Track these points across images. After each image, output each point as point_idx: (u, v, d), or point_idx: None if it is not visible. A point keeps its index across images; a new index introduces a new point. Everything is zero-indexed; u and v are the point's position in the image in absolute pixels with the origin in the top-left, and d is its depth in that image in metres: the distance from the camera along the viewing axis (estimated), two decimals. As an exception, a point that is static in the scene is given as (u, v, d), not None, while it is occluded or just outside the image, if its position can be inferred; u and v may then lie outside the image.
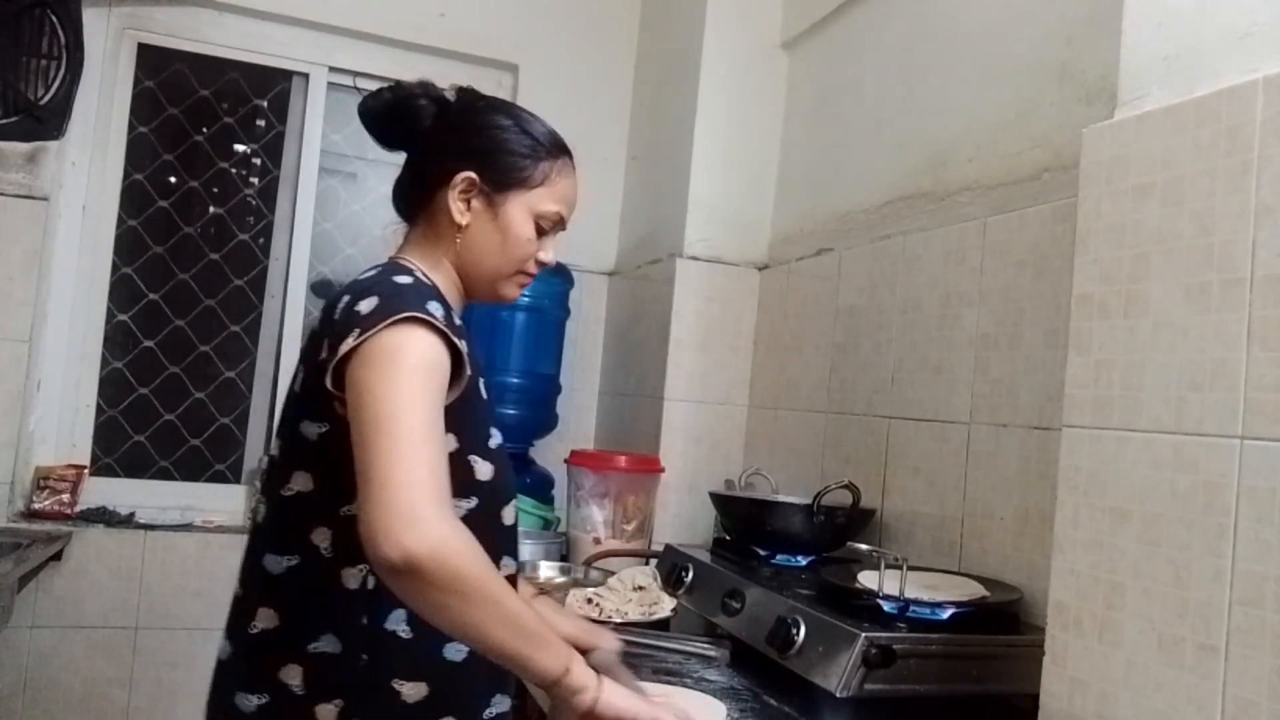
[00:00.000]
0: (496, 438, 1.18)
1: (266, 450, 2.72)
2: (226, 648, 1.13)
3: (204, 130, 2.78)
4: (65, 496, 2.49)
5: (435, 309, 1.04)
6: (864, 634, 1.23)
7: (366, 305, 1.03)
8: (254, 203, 2.83)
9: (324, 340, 1.06)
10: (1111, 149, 1.02)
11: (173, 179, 2.76)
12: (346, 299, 1.06)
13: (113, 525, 2.51)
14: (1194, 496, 0.88)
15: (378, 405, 0.96)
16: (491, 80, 2.89)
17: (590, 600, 1.74)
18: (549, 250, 1.23)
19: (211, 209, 2.78)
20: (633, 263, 2.80)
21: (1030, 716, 1.05)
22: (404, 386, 0.97)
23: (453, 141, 1.20)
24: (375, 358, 0.99)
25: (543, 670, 0.98)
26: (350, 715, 1.05)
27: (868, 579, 1.42)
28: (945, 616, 1.31)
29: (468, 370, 1.07)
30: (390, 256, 1.21)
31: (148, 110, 2.71)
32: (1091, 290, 1.02)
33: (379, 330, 0.99)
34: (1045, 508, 1.42)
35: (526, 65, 2.88)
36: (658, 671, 1.44)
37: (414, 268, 1.15)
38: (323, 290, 2.90)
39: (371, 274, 1.13)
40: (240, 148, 2.84)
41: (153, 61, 2.71)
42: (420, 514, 0.91)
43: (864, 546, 1.54)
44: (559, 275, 2.67)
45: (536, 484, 2.62)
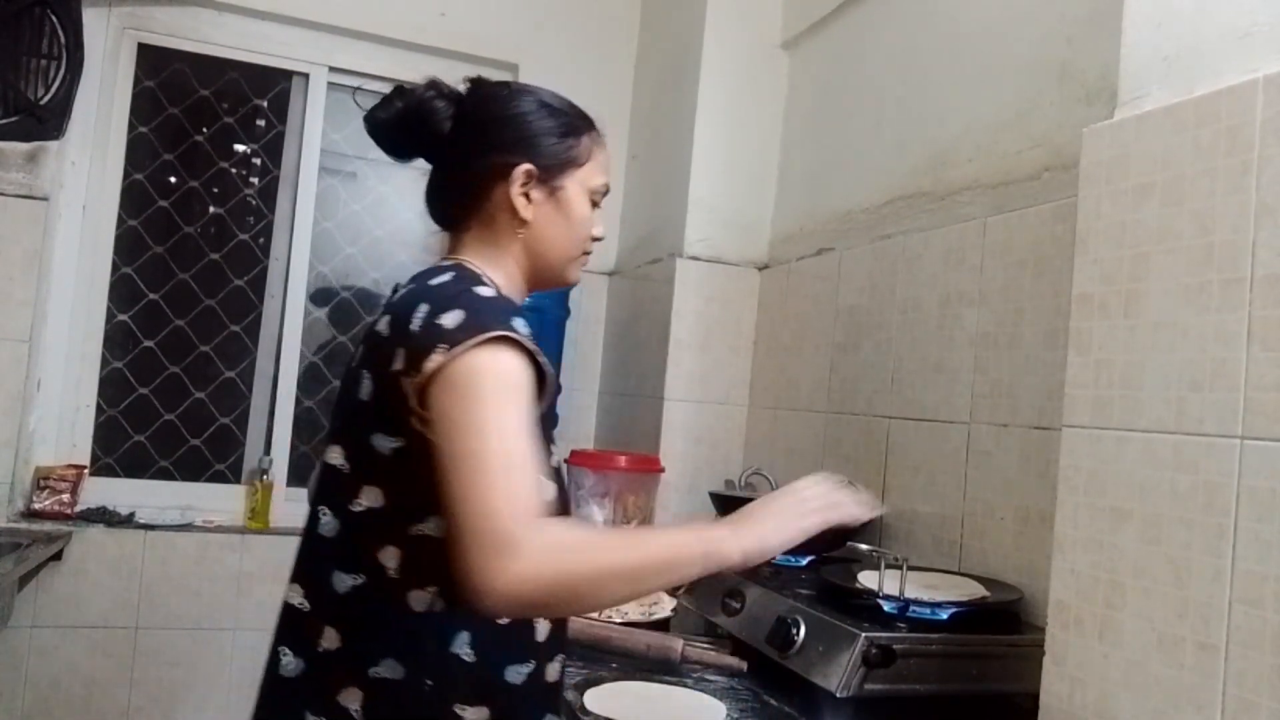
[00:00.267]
0: (556, 455, 1.15)
1: (267, 450, 2.76)
2: (295, 664, 1.05)
3: (204, 130, 2.78)
4: (65, 496, 2.50)
5: (521, 326, 1.00)
6: (864, 634, 1.23)
7: (451, 320, 0.97)
8: (254, 203, 2.84)
9: (397, 350, 0.99)
10: (1111, 149, 1.02)
11: (173, 179, 2.76)
12: (425, 309, 1.00)
13: (113, 525, 2.52)
14: (1194, 496, 0.88)
15: (467, 438, 0.92)
16: (491, 80, 2.89)
17: (590, 600, 1.74)
18: (599, 224, 1.21)
19: (211, 209, 2.79)
20: (633, 262, 2.80)
21: (1030, 716, 1.05)
22: (492, 415, 0.93)
23: (488, 136, 1.14)
24: (465, 383, 0.94)
25: (697, 573, 0.97)
26: None
27: (868, 579, 1.42)
28: (945, 616, 1.31)
29: (550, 390, 1.03)
30: (450, 258, 1.15)
31: (148, 110, 2.71)
32: (1091, 290, 1.02)
33: (467, 350, 0.95)
34: (1045, 508, 1.42)
35: (526, 65, 2.88)
36: (658, 671, 1.44)
37: (483, 274, 1.10)
38: (322, 299, 2.89)
39: (447, 280, 1.05)
40: (240, 148, 2.84)
41: (153, 61, 2.71)
42: (510, 539, 0.88)
43: (864, 546, 1.54)
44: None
45: (537, 484, 2.62)
